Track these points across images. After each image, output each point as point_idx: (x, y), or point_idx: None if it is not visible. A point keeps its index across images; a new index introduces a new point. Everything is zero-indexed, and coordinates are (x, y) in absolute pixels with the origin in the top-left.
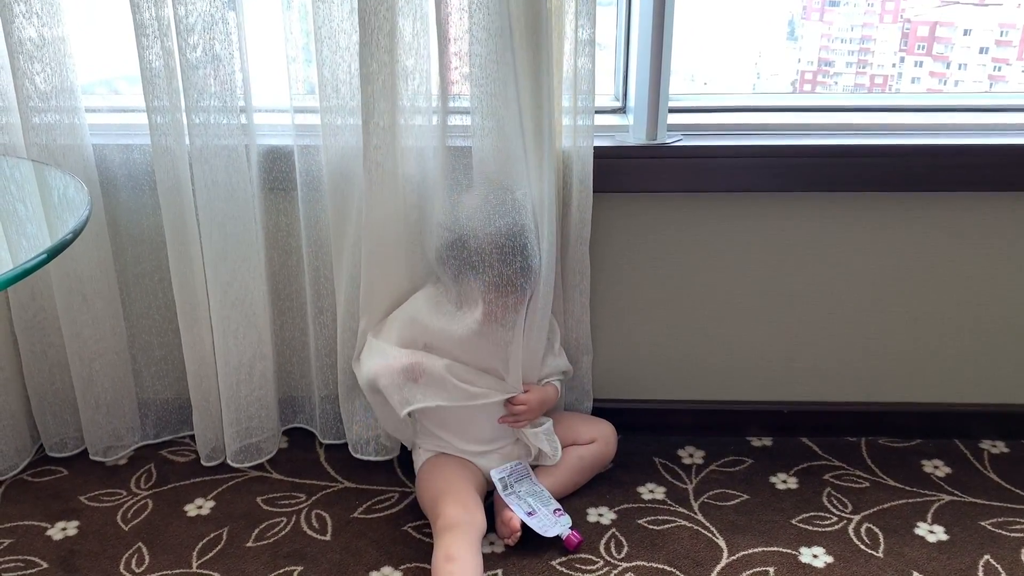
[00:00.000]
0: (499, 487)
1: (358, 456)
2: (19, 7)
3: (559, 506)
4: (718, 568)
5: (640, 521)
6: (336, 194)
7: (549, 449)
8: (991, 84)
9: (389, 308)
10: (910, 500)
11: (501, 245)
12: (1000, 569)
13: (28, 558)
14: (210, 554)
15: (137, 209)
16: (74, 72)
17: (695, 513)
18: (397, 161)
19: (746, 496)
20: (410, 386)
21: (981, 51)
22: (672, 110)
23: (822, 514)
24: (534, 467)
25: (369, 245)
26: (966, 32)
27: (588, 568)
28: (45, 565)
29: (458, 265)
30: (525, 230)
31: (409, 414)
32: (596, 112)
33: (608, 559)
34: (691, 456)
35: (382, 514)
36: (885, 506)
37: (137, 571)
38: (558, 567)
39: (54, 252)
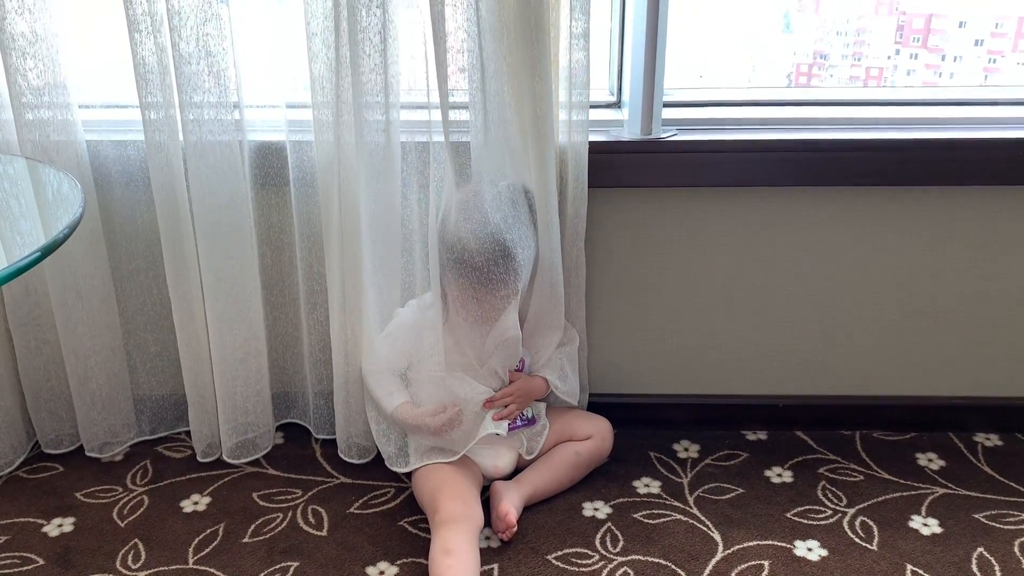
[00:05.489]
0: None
1: (350, 460)
2: (11, 3)
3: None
4: (713, 562)
5: (635, 515)
6: (326, 190)
7: (524, 450)
8: (986, 76)
9: (387, 305)
10: (904, 493)
11: (481, 242)
12: (993, 562)
13: (24, 555)
14: (206, 550)
15: (131, 205)
16: (67, 68)
17: (690, 507)
18: (382, 157)
19: (741, 490)
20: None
21: (976, 43)
22: (667, 104)
23: (817, 507)
24: (524, 467)
25: (362, 241)
26: (961, 24)
27: (584, 562)
28: (41, 562)
29: (443, 263)
30: (507, 229)
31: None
32: (590, 107)
33: (603, 553)
34: (686, 450)
35: (378, 509)
36: (879, 499)
37: (133, 567)
38: (554, 561)
39: (48, 250)
